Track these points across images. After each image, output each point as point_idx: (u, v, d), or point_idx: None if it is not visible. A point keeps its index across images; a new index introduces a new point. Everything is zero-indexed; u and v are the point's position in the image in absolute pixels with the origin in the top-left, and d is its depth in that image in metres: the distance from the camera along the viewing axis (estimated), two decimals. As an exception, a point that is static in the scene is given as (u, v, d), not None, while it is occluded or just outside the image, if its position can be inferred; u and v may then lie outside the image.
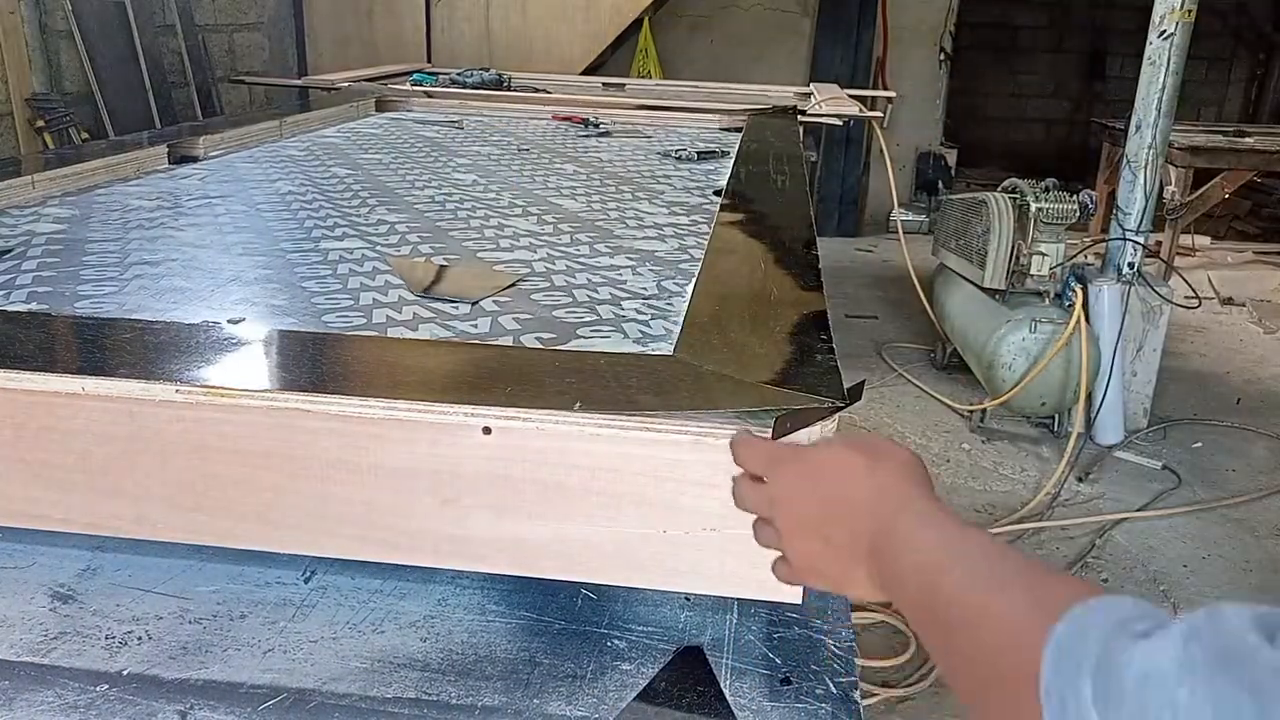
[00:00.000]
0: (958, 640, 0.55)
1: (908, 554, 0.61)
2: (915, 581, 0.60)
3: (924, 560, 0.60)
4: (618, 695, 0.79)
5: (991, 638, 0.52)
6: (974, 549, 0.59)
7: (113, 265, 1.36)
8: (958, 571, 0.57)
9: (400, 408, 0.81)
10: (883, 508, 0.64)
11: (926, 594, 0.58)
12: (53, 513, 0.89)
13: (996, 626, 0.52)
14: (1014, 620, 0.51)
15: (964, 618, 0.54)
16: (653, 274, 1.40)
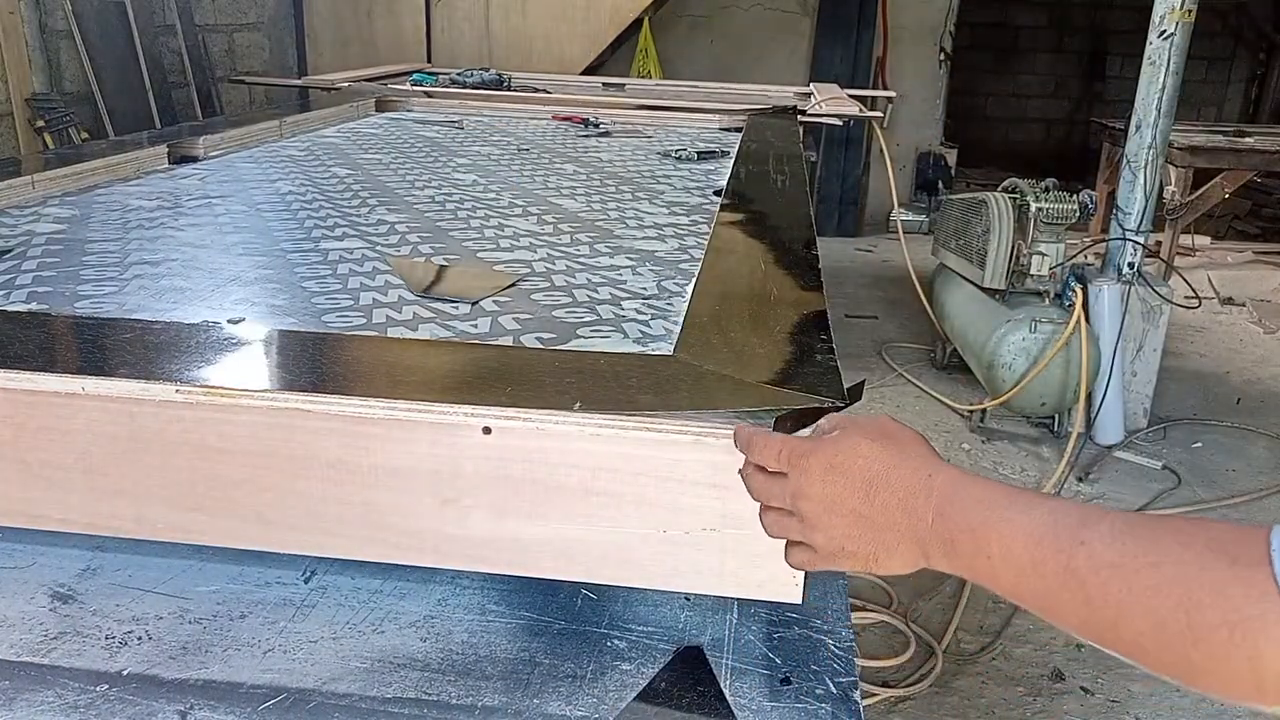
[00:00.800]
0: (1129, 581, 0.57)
1: (1004, 525, 0.64)
2: (1032, 553, 0.62)
3: (1032, 527, 0.62)
4: (618, 695, 0.79)
5: (1183, 590, 0.54)
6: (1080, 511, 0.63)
7: (113, 265, 1.36)
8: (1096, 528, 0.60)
9: (400, 408, 0.81)
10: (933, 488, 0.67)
11: (1054, 553, 0.60)
12: (53, 513, 0.89)
13: (1186, 580, 0.55)
14: (1201, 550, 0.55)
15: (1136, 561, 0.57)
16: (653, 274, 1.40)
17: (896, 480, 0.69)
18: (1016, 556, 0.63)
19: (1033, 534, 0.63)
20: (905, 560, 0.69)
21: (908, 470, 0.69)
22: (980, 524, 0.65)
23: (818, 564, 0.73)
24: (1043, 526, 0.62)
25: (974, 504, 0.66)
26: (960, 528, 0.66)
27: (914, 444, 0.72)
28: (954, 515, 0.66)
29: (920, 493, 0.68)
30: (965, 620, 2.78)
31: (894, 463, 0.70)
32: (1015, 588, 0.64)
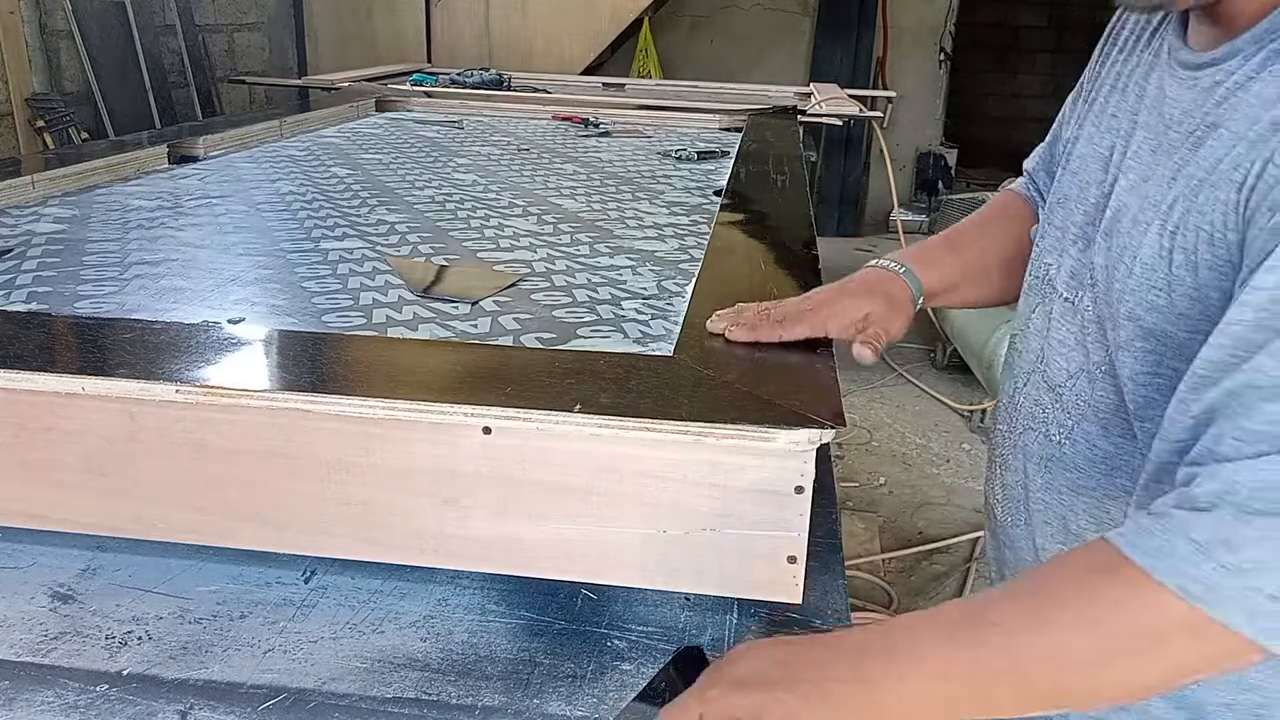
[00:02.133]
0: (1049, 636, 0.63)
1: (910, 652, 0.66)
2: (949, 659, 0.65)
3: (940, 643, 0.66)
4: (618, 695, 0.79)
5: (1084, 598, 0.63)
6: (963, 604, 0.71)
7: (113, 265, 1.36)
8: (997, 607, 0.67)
9: (400, 408, 0.81)
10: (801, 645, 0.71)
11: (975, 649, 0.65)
12: (53, 513, 0.89)
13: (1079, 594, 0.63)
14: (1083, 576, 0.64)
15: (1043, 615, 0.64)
16: (653, 274, 1.40)
17: (799, 660, 0.69)
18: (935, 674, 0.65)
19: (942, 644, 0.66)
20: None
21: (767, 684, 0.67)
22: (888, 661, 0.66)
23: None
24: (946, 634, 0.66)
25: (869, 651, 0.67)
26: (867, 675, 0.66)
27: (748, 660, 0.70)
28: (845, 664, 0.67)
29: (803, 647, 0.71)
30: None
31: (790, 647, 0.71)
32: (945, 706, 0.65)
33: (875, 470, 3.80)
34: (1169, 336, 0.75)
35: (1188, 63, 0.80)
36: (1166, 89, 0.82)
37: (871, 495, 3.61)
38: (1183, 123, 0.78)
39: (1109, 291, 0.82)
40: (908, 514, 3.48)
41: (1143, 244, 0.77)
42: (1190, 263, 0.73)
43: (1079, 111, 1.00)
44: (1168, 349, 0.75)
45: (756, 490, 0.80)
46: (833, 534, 1.00)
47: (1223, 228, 0.70)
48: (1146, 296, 0.76)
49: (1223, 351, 0.64)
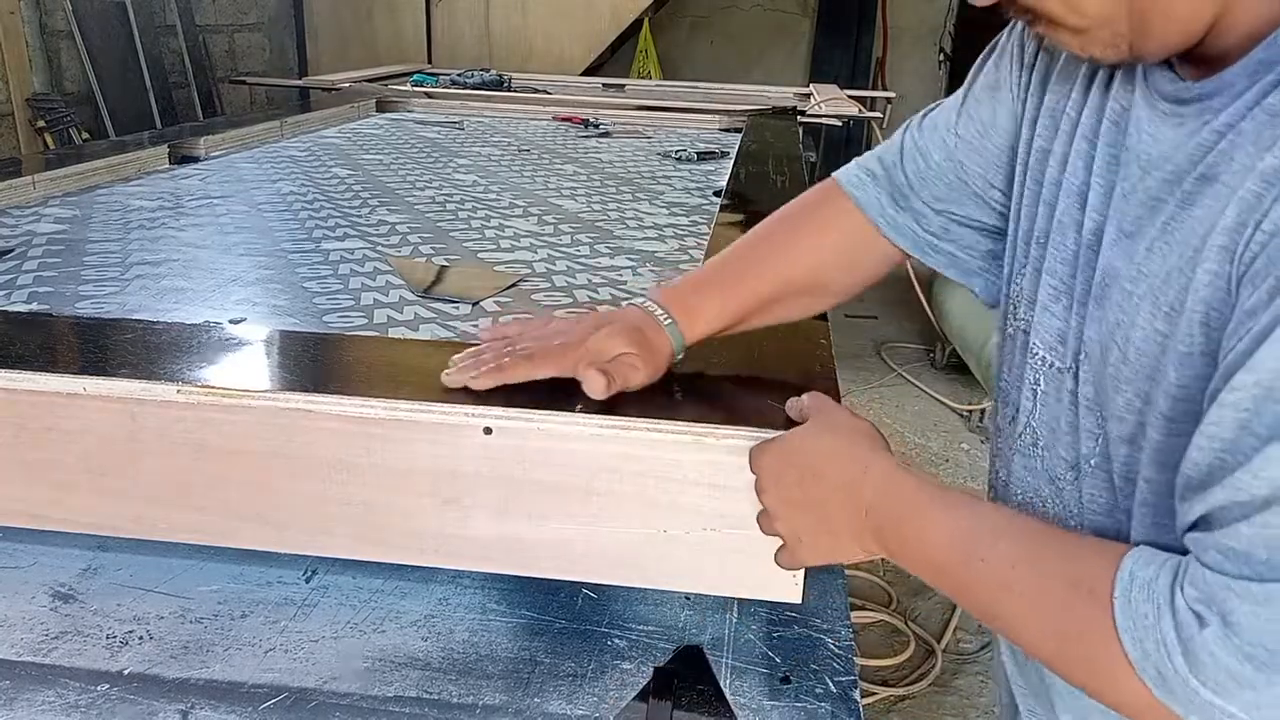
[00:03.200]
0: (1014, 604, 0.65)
1: (923, 527, 0.70)
2: (943, 556, 0.69)
3: (945, 533, 0.69)
4: (618, 695, 0.79)
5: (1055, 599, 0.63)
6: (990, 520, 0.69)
7: (114, 265, 1.37)
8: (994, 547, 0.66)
9: (401, 408, 0.81)
10: (868, 480, 0.72)
11: (960, 564, 0.67)
12: (53, 513, 0.89)
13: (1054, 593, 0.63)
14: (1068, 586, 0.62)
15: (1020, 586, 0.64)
16: (653, 274, 1.41)
17: (834, 472, 0.74)
18: (929, 557, 0.70)
19: (945, 538, 0.69)
20: (852, 549, 0.75)
21: (846, 461, 0.74)
22: (905, 519, 0.71)
23: (792, 560, 0.79)
24: (955, 533, 0.69)
25: (902, 500, 0.71)
26: (888, 521, 0.71)
27: (858, 435, 0.76)
28: (884, 508, 0.72)
29: (855, 485, 0.73)
30: (965, 620, 2.79)
31: (834, 455, 0.75)
32: (931, 580, 0.71)
33: (875, 470, 3.79)
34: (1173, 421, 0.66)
35: (1168, 94, 0.69)
36: (1144, 122, 0.71)
37: (871, 495, 3.60)
38: (1164, 167, 0.68)
39: (1102, 375, 0.72)
40: (908, 514, 3.48)
41: (1135, 323, 0.68)
42: (1185, 354, 0.64)
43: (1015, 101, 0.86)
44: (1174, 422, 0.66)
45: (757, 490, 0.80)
46: (832, 534, 1.00)
47: (1220, 307, 0.61)
48: (1143, 388, 0.68)
49: (1208, 455, 0.58)
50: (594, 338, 0.87)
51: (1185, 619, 0.56)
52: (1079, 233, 0.76)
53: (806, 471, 0.75)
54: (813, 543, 0.76)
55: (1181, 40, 0.66)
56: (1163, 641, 0.57)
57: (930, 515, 0.70)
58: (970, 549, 0.67)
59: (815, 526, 0.75)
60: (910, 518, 0.70)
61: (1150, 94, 0.71)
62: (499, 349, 0.89)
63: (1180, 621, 0.57)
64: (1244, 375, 0.57)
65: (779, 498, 0.76)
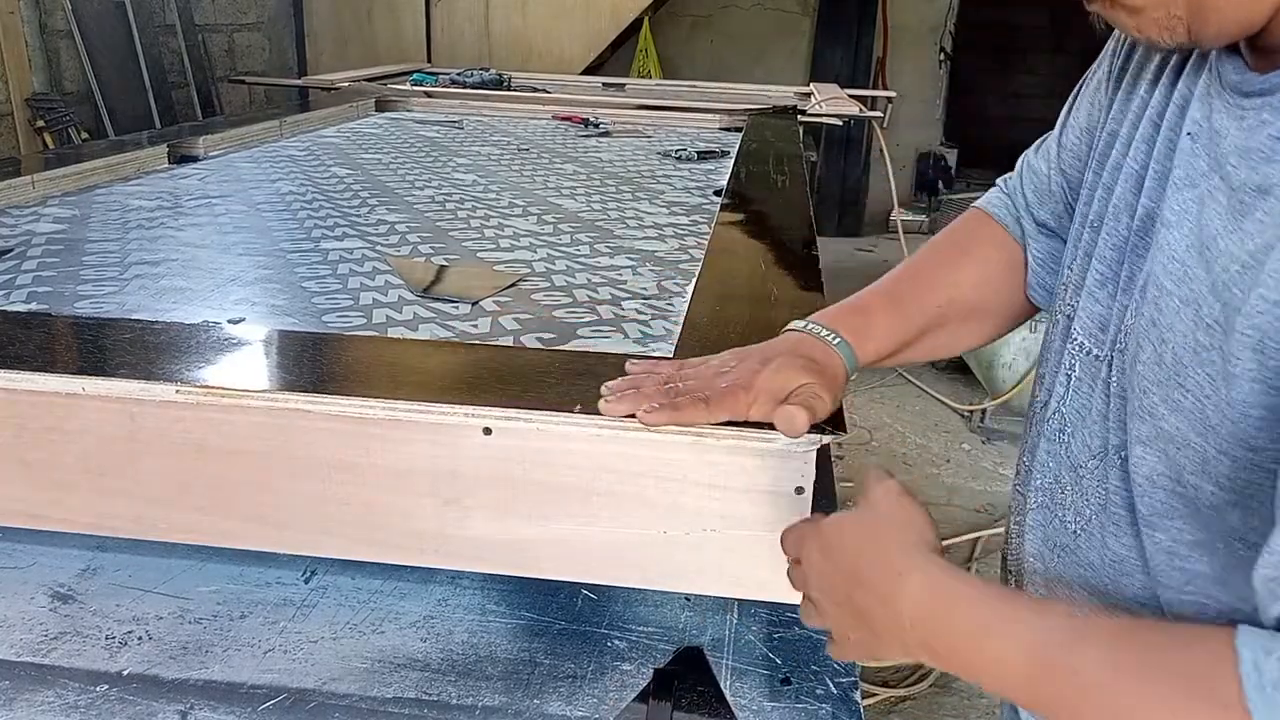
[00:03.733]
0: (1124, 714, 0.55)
1: (982, 649, 0.61)
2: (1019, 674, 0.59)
3: (1016, 654, 0.59)
4: (618, 695, 0.79)
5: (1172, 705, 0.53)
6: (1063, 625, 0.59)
7: (113, 265, 1.36)
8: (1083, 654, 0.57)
9: (400, 408, 0.81)
10: (905, 594, 0.64)
11: (1045, 684, 0.58)
12: (53, 513, 0.89)
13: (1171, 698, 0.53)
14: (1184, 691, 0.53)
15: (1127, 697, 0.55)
16: (653, 274, 1.40)
17: (871, 579, 0.66)
18: (999, 675, 0.60)
19: (1017, 655, 0.59)
20: (896, 653, 0.67)
21: (881, 568, 0.66)
22: (958, 636, 0.62)
23: (841, 655, 0.73)
24: (1032, 648, 0.59)
25: (951, 616, 0.63)
26: (938, 637, 0.63)
27: (893, 530, 0.69)
28: (930, 624, 0.63)
29: (892, 596, 0.65)
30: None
31: (870, 558, 0.67)
32: (1009, 697, 0.62)
33: (875, 470, 3.79)
34: (1191, 447, 0.63)
35: (1233, 85, 0.65)
36: (1213, 110, 0.67)
37: (871, 495, 3.60)
38: (1220, 164, 0.64)
39: (1134, 370, 0.69)
40: (908, 514, 3.48)
41: (1175, 326, 0.64)
42: (1226, 371, 0.59)
43: (1104, 97, 0.84)
44: (1190, 461, 0.63)
45: (756, 491, 0.80)
46: (833, 534, 1.00)
47: (1276, 336, 0.56)
48: (1172, 394, 0.64)
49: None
50: (763, 375, 0.80)
51: None
52: (1131, 218, 0.73)
53: (846, 572, 0.68)
54: (859, 641, 0.69)
55: (1239, 28, 0.62)
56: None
57: (991, 631, 0.61)
58: (1053, 661, 0.58)
59: (860, 628, 0.68)
60: (964, 635, 0.62)
61: (1215, 82, 0.67)
62: (658, 384, 0.83)
63: None
64: None
65: (822, 593, 0.71)
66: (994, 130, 9.27)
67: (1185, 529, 0.65)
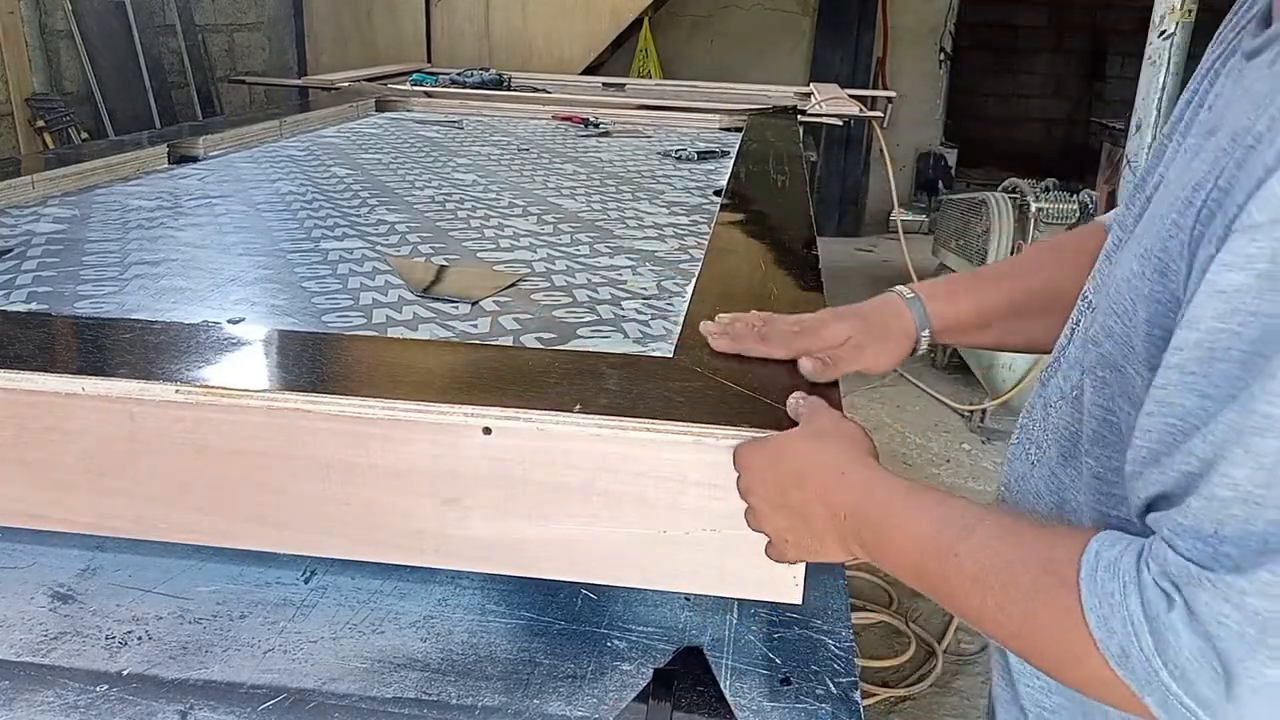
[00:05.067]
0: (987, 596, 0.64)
1: (897, 529, 0.70)
2: (917, 556, 0.68)
3: (918, 532, 0.68)
4: (618, 695, 0.79)
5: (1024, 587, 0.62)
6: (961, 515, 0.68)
7: (113, 265, 1.36)
8: (967, 540, 0.65)
9: (400, 408, 0.81)
10: (846, 486, 0.73)
11: (934, 561, 0.67)
12: (53, 513, 0.89)
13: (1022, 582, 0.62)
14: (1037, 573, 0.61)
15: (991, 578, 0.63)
16: (653, 274, 1.40)
17: (815, 479, 0.74)
18: (905, 558, 0.70)
19: (919, 539, 0.68)
20: (835, 550, 0.75)
21: (826, 468, 0.74)
22: (881, 522, 0.71)
23: (780, 557, 0.79)
24: (928, 531, 0.68)
25: (876, 503, 0.71)
26: (866, 525, 0.71)
27: (842, 440, 0.77)
28: (860, 513, 0.72)
29: (833, 490, 0.73)
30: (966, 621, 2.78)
31: (815, 461, 0.75)
32: (912, 582, 0.71)
33: (875, 470, 3.79)
34: (1120, 371, 0.68)
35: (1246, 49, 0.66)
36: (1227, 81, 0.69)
37: (871, 495, 3.60)
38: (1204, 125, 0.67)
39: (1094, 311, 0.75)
40: (908, 514, 3.48)
41: (1121, 261, 0.70)
42: (1143, 294, 0.64)
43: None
44: (1118, 385, 0.68)
45: (756, 490, 0.80)
46: (833, 534, 1.00)
47: (1177, 258, 0.60)
48: (1109, 321, 0.69)
49: (1158, 422, 0.58)
50: (826, 326, 0.95)
51: (1152, 596, 0.55)
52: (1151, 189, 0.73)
53: (789, 477, 0.75)
54: (797, 543, 0.77)
55: None
56: (1129, 619, 0.56)
57: (904, 516, 0.70)
58: (943, 545, 0.66)
59: (799, 529, 0.76)
60: (885, 519, 0.70)
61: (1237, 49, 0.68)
62: (749, 322, 0.99)
63: (1147, 599, 0.56)
64: (1186, 333, 0.56)
65: (764, 499, 0.77)
66: (994, 130, 9.28)
67: (1114, 456, 0.70)
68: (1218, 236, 0.56)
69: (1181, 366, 0.56)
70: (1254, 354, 0.52)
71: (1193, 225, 0.59)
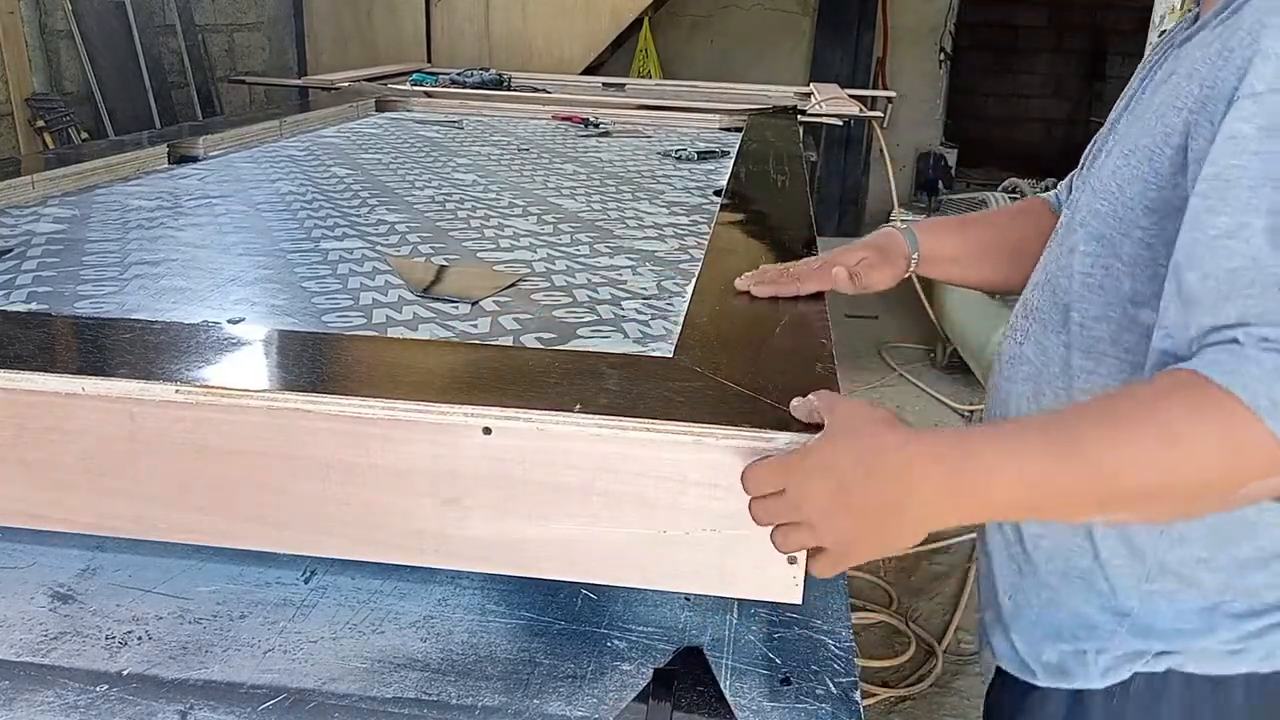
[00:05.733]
0: (1127, 451, 0.69)
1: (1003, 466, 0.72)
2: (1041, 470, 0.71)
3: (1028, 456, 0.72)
4: (618, 695, 0.79)
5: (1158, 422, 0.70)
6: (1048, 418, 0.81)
7: (113, 265, 1.36)
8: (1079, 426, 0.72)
9: (400, 408, 0.81)
10: (922, 458, 0.73)
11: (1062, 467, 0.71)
12: (53, 513, 0.89)
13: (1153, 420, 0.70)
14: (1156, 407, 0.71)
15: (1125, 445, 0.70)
16: (653, 274, 1.40)
17: (882, 464, 0.74)
18: (1027, 483, 0.72)
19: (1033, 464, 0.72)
20: (912, 534, 0.74)
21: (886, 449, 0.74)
22: (983, 474, 0.73)
23: (839, 565, 0.77)
24: (1036, 453, 0.72)
25: (968, 459, 0.73)
26: (963, 480, 0.73)
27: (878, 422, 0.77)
28: (949, 474, 0.73)
29: (909, 464, 0.73)
30: (965, 620, 2.78)
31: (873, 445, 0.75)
32: (1038, 506, 0.75)
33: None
34: (1108, 240, 0.90)
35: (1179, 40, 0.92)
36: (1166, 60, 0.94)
37: (871, 495, 3.60)
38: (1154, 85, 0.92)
39: (1075, 209, 0.98)
40: (908, 514, 3.48)
41: (1105, 166, 0.93)
42: (1132, 175, 0.87)
43: None
44: (1106, 249, 0.90)
45: (756, 490, 0.80)
46: (833, 534, 1.00)
47: (1163, 143, 0.83)
48: (1095, 206, 0.92)
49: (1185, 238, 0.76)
50: (840, 254, 1.18)
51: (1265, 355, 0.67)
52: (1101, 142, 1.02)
53: (850, 472, 0.73)
54: (865, 540, 0.75)
55: None
56: (1260, 372, 0.66)
57: (1003, 452, 0.73)
58: (1062, 448, 0.71)
59: (868, 524, 0.74)
60: (981, 471, 0.72)
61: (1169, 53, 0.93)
62: (778, 270, 1.19)
63: (1264, 357, 0.67)
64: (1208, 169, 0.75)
65: (819, 508, 0.74)
66: (994, 130, 9.28)
67: (1100, 306, 0.91)
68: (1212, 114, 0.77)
69: (1205, 194, 0.74)
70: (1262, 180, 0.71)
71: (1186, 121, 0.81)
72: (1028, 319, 1.03)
